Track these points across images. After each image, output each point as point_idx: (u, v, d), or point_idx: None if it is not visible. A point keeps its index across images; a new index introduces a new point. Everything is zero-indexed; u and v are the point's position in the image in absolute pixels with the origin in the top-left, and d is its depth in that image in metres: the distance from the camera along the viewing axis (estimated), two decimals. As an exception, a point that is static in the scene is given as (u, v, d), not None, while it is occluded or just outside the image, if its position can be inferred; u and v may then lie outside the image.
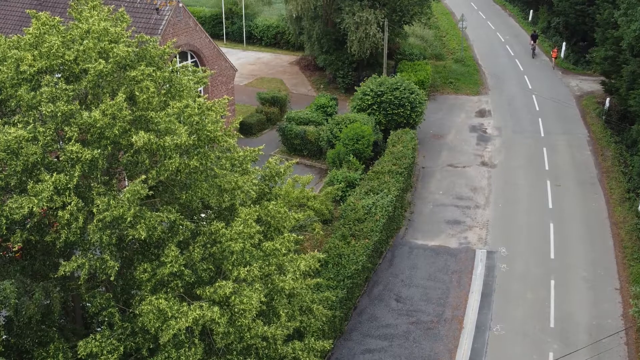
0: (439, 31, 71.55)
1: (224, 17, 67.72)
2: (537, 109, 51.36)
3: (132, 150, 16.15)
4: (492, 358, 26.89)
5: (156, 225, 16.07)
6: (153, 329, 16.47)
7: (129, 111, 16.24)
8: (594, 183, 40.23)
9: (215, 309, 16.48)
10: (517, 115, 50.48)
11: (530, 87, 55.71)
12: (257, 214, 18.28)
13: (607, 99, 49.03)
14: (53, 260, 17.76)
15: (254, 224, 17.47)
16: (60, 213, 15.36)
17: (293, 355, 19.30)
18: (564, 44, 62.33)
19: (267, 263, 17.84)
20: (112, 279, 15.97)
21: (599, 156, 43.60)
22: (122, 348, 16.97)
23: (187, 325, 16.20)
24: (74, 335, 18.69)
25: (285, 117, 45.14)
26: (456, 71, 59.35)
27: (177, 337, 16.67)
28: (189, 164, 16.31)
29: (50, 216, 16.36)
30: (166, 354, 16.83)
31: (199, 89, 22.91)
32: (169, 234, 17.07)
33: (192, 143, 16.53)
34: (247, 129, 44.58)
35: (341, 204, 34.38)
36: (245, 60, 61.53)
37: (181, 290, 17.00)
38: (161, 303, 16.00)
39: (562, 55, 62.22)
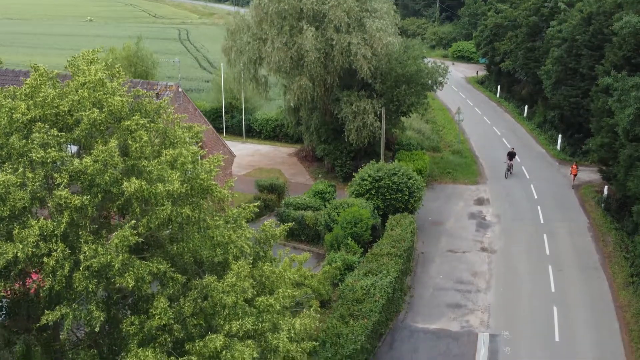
0: (436, 125, 72.52)
1: (224, 111, 68.83)
2: (536, 197, 51.25)
3: (123, 199, 15.72)
4: None
5: (145, 275, 15.42)
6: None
7: (121, 159, 15.93)
8: (597, 268, 39.52)
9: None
10: (516, 203, 50.28)
11: (528, 177, 55.81)
12: (250, 272, 17.61)
13: (605, 187, 49.01)
14: (37, 314, 16.95)
15: (246, 277, 16.80)
16: (45, 260, 14.80)
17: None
18: (560, 136, 63.05)
19: (260, 320, 17.01)
20: (97, 329, 15.16)
21: (599, 242, 43.08)
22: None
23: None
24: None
25: (283, 202, 44.96)
26: (453, 162, 59.64)
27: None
28: (181, 212, 15.83)
29: (35, 264, 15.73)
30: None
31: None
32: (159, 288, 16.40)
33: (185, 192, 16.14)
34: (244, 215, 44.13)
35: (339, 285, 33.60)
36: (244, 152, 61.92)
37: (170, 346, 16.11)
38: (148, 357, 15.12)
39: (558, 147, 62.79)
